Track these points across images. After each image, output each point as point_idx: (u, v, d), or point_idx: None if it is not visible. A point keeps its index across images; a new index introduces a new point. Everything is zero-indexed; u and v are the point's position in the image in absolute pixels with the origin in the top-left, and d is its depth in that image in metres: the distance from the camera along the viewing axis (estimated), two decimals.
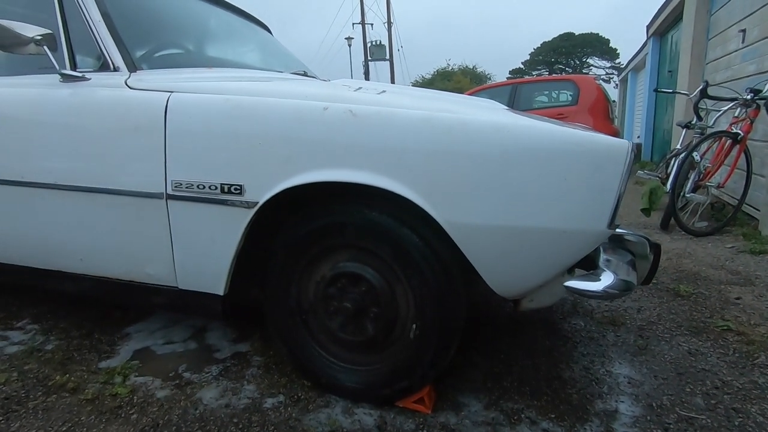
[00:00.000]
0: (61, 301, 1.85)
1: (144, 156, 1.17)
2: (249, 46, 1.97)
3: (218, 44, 1.84)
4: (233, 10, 2.02)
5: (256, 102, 1.09)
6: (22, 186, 1.33)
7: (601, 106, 5.44)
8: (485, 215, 0.94)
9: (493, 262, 0.98)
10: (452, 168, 0.94)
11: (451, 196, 0.95)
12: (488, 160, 0.93)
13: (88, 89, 1.28)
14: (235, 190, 1.09)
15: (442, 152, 0.95)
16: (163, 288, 1.28)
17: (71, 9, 1.36)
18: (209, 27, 1.84)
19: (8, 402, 1.21)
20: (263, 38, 2.10)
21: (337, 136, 1.01)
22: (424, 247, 1.04)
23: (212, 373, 1.37)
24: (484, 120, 0.97)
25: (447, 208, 0.96)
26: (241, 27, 2.00)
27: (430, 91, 1.77)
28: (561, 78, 7.68)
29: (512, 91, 6.01)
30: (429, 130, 0.96)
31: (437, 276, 1.06)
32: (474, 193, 0.94)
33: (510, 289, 1.04)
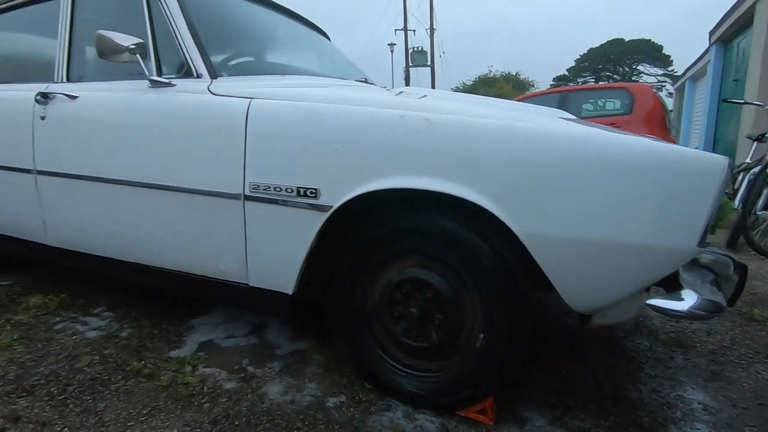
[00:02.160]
0: (131, 291, 1.97)
1: (224, 158, 1.24)
2: (314, 53, 2.04)
3: (286, 52, 1.92)
4: (298, 19, 2.10)
5: (334, 109, 1.13)
6: (110, 183, 1.44)
7: (658, 116, 5.19)
8: (565, 227, 0.93)
9: (570, 275, 0.96)
10: (531, 178, 0.94)
11: (529, 206, 0.95)
12: (570, 172, 0.91)
13: (173, 94, 1.36)
14: (311, 193, 1.13)
15: (521, 162, 0.94)
16: (234, 284, 1.34)
17: (159, 21, 1.46)
18: (278, 35, 1.92)
19: (93, 383, 1.30)
20: (325, 46, 2.16)
21: (414, 144, 1.03)
22: (494, 256, 1.04)
23: (274, 368, 1.41)
24: (565, 130, 0.95)
25: (524, 219, 0.95)
26: (305, 35, 2.07)
27: (494, 99, 1.75)
28: (614, 86, 7.40)
29: (561, 99, 5.85)
30: (508, 140, 0.96)
31: (507, 286, 1.05)
32: (554, 204, 0.93)
33: (585, 304, 1.02)
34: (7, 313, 1.73)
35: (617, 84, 7.20)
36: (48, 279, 2.12)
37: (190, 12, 1.45)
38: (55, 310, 1.78)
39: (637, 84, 7.68)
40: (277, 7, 1.97)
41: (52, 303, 1.81)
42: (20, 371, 1.35)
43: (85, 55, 1.77)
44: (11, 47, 1.99)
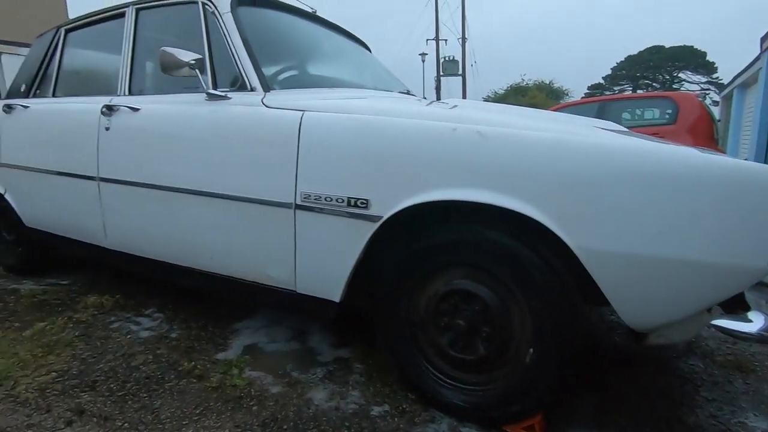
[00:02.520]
0: (179, 293, 2.06)
1: (276, 168, 1.28)
2: (358, 66, 2.09)
3: (332, 65, 1.98)
4: (342, 32, 2.15)
5: (385, 121, 1.15)
6: (168, 190, 1.51)
7: (704, 126, 4.98)
8: (623, 243, 0.91)
9: (628, 291, 0.94)
10: (588, 192, 0.93)
11: (585, 221, 0.93)
12: (629, 186, 0.90)
13: (228, 107, 1.43)
14: (361, 204, 1.15)
15: (577, 176, 0.93)
16: (281, 290, 1.37)
17: (216, 37, 1.54)
18: (324, 49, 1.98)
19: (149, 381, 1.36)
20: (368, 58, 2.21)
21: (465, 157, 1.04)
22: (546, 270, 1.03)
23: (318, 375, 1.44)
24: (623, 144, 0.94)
25: (580, 233, 0.94)
26: (349, 48, 2.12)
27: (530, 109, 1.74)
28: (657, 95, 7.15)
29: (599, 109, 5.71)
30: (562, 153, 0.95)
31: (559, 300, 1.03)
32: (612, 218, 0.91)
33: (642, 322, 0.99)
34: (68, 312, 1.84)
35: (661, 93, 6.95)
36: (103, 280, 2.24)
37: (245, 29, 1.52)
38: (110, 310, 1.88)
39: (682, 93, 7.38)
40: (322, 22, 2.04)
41: (108, 303, 1.92)
42: (82, 367, 1.43)
43: (145, 70, 1.88)
44: (81, 63, 2.14)
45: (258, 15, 1.67)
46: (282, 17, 1.83)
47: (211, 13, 1.55)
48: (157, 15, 1.79)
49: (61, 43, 2.08)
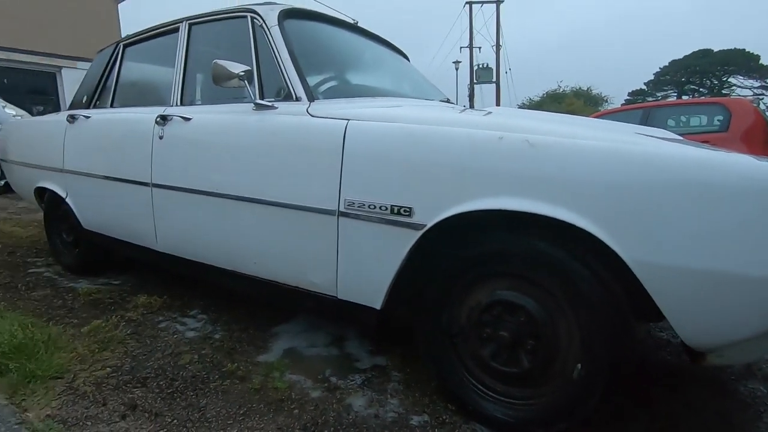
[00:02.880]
0: (221, 296, 2.12)
1: (321, 176, 1.31)
2: (398, 75, 2.11)
3: (374, 74, 2.01)
4: (382, 42, 2.19)
5: (429, 130, 1.16)
6: (216, 196, 1.57)
7: (760, 133, 4.69)
8: (683, 256, 0.87)
9: (687, 308, 0.89)
10: (644, 203, 0.89)
11: (641, 233, 0.90)
12: (690, 197, 0.86)
13: (275, 116, 1.48)
14: (404, 212, 1.16)
15: (633, 186, 0.90)
16: (323, 296, 1.39)
17: (263, 50, 1.60)
18: (366, 59, 2.01)
19: (195, 380, 1.41)
20: (408, 68, 2.23)
21: (513, 166, 1.02)
22: (596, 283, 0.99)
23: (356, 381, 1.44)
24: (681, 153, 0.90)
25: (635, 246, 0.90)
26: (390, 57, 2.15)
27: (567, 116, 1.69)
28: (707, 101, 6.80)
29: (643, 116, 5.49)
30: (618, 163, 0.92)
31: (610, 314, 0.99)
32: (670, 231, 0.87)
33: (702, 341, 0.94)
34: (120, 310, 1.94)
35: (711, 99, 6.64)
36: (151, 281, 2.34)
37: (291, 41, 1.57)
38: (158, 310, 1.96)
39: (735, 99, 7.00)
40: (363, 32, 2.08)
41: (156, 303, 2.00)
42: (134, 363, 1.50)
43: (196, 81, 1.97)
44: (137, 75, 2.28)
45: (303, 27, 1.73)
46: (325, 29, 1.88)
47: (260, 26, 1.61)
48: (208, 29, 1.88)
49: (120, 57, 2.22)
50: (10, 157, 2.82)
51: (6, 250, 2.82)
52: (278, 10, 1.64)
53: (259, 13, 1.62)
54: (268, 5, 1.68)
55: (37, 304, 2.00)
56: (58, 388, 1.31)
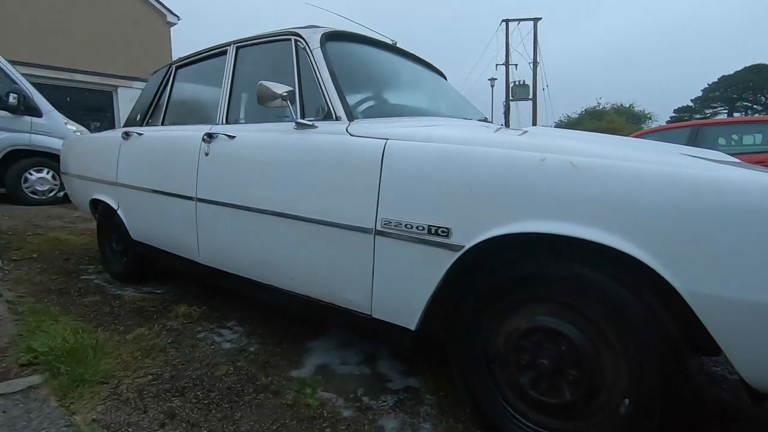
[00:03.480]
0: (257, 308, 2.17)
1: (359, 194, 1.32)
2: (436, 94, 2.13)
3: (412, 94, 2.03)
4: (420, 62, 2.21)
5: (470, 150, 1.15)
6: (257, 212, 1.62)
7: None
8: (745, 289, 0.81)
9: (750, 346, 0.83)
10: (702, 231, 0.84)
11: (697, 263, 0.84)
12: (755, 225, 0.80)
13: (315, 135, 1.51)
14: (442, 232, 1.15)
15: (689, 213, 0.85)
16: (357, 313, 1.39)
17: (305, 71, 1.65)
18: (404, 78, 2.04)
19: (230, 392, 1.44)
20: (445, 87, 2.24)
21: (556, 188, 1.00)
22: (646, 313, 0.94)
23: (388, 402, 1.42)
24: (745, 177, 0.85)
25: (691, 277, 0.85)
26: (427, 77, 2.17)
27: (608, 135, 1.63)
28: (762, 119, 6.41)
29: (691, 134, 5.24)
30: (672, 188, 0.88)
31: (661, 347, 0.94)
32: (732, 261, 0.82)
33: (766, 381, 0.86)
34: (162, 319, 2.01)
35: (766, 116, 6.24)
36: (192, 291, 2.43)
37: (332, 62, 1.61)
38: (197, 320, 2.02)
39: None
40: (401, 52, 2.11)
41: (196, 313, 2.07)
42: (174, 372, 1.54)
43: (240, 101, 2.06)
44: (187, 95, 2.41)
45: (344, 49, 1.78)
46: (365, 50, 1.93)
47: (303, 48, 1.67)
48: (254, 51, 1.97)
49: (172, 78, 2.36)
50: (69, 170, 3.03)
51: (62, 257, 3.01)
52: (321, 32, 1.69)
53: (303, 36, 1.69)
54: (311, 28, 1.74)
55: (86, 309, 2.11)
56: (103, 393, 1.37)
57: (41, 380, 1.39)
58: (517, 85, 21.70)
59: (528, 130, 1.46)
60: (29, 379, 1.39)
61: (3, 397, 1.28)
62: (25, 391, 1.33)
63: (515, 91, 21.30)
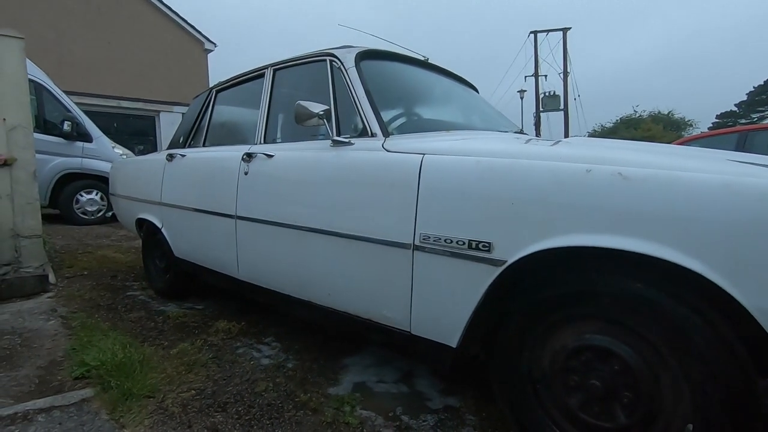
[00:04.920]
0: (294, 325, 2.18)
1: (396, 209, 1.32)
2: (470, 108, 2.12)
3: (446, 108, 2.03)
4: (452, 76, 2.22)
5: (509, 164, 1.13)
6: (295, 229, 1.64)
7: None
8: None
9: None
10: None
11: (766, 276, 0.79)
12: None
13: (352, 152, 1.53)
14: (483, 247, 1.12)
15: (755, 225, 0.80)
16: (395, 330, 1.38)
17: (340, 89, 1.69)
18: (437, 94, 2.05)
19: (270, 409, 1.44)
20: (478, 100, 2.23)
21: (605, 200, 0.96)
22: (711, 334, 0.88)
23: (428, 422, 1.39)
24: None
25: (759, 291, 0.79)
26: (460, 91, 2.17)
27: (641, 143, 1.55)
28: None
29: (739, 140, 4.96)
30: (732, 198, 0.83)
31: (727, 369, 0.87)
32: None
33: None
34: (203, 334, 2.06)
35: None
36: (230, 307, 2.48)
37: (367, 81, 1.64)
38: (236, 336, 2.06)
39: None
40: (434, 68, 2.13)
41: (235, 329, 2.11)
42: (215, 388, 1.57)
43: (277, 121, 2.13)
44: (227, 117, 2.51)
45: (378, 67, 1.81)
46: (398, 67, 1.96)
47: (338, 68, 1.71)
48: (290, 73, 2.03)
49: (212, 101, 2.47)
50: (117, 191, 3.19)
51: (109, 274, 3.16)
52: (355, 52, 1.73)
53: (338, 56, 1.73)
54: (346, 48, 1.78)
55: (133, 324, 2.20)
56: (150, 407, 1.40)
57: (93, 393, 1.45)
58: (547, 96, 21.36)
59: (566, 141, 1.43)
60: (82, 392, 1.45)
61: (59, 410, 1.34)
62: (78, 403, 1.38)
63: (545, 102, 20.95)
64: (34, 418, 1.29)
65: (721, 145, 4.89)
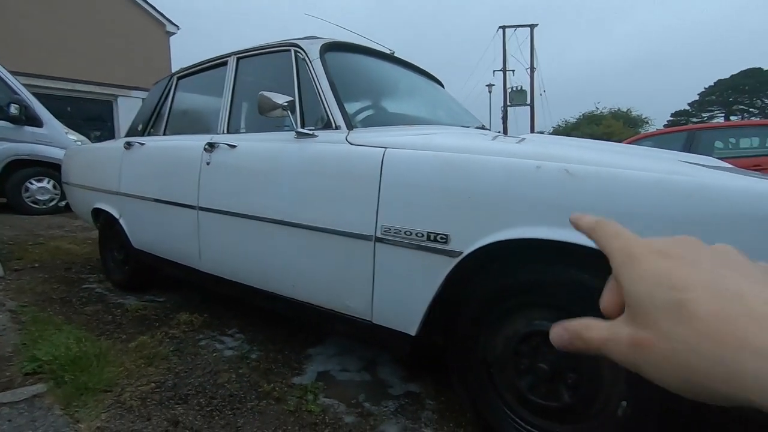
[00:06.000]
0: (257, 316, 2.18)
1: (359, 202, 1.34)
2: (434, 102, 2.16)
3: (410, 102, 2.06)
4: (416, 70, 2.25)
5: (466, 159, 1.17)
6: (257, 220, 1.64)
7: None
8: None
9: None
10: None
11: None
12: (751, 232, 0.82)
13: (315, 144, 1.54)
14: (440, 239, 1.17)
15: (682, 221, 0.88)
16: (357, 320, 1.41)
17: (305, 81, 1.68)
18: (401, 87, 2.07)
19: (233, 399, 1.45)
20: (442, 95, 2.27)
21: (551, 195, 1.02)
22: None
23: (389, 408, 1.43)
24: (740, 185, 0.87)
25: None
26: (424, 85, 2.20)
27: (605, 143, 1.66)
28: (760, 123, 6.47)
29: (688, 138, 5.27)
30: (664, 195, 0.90)
31: None
32: None
33: None
34: (164, 327, 2.02)
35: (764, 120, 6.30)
36: (192, 299, 2.44)
37: (331, 73, 1.64)
38: (199, 328, 2.03)
39: None
40: (399, 62, 2.15)
41: (197, 321, 2.08)
42: (176, 380, 1.55)
43: (241, 111, 2.09)
44: (188, 105, 2.44)
45: (342, 59, 1.81)
46: (364, 60, 1.96)
47: (302, 59, 1.71)
48: (254, 62, 2.00)
49: (173, 88, 2.39)
50: (71, 180, 3.05)
51: (63, 266, 3.03)
52: (320, 43, 1.73)
53: (302, 46, 1.72)
54: (310, 39, 1.77)
55: (89, 318, 2.13)
56: (107, 401, 1.38)
57: (45, 389, 1.41)
58: (514, 90, 21.84)
59: (525, 137, 1.49)
60: (34, 388, 1.40)
61: (8, 406, 1.29)
62: (29, 399, 1.34)
63: (513, 97, 21.44)
64: None
65: (672, 142, 5.19)
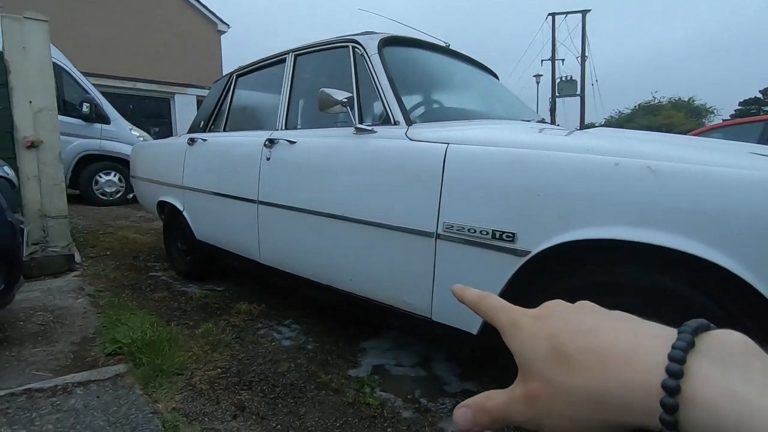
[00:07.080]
0: (312, 308, 2.24)
1: (420, 198, 1.34)
2: (491, 96, 2.10)
3: (468, 96, 2.02)
4: (474, 63, 2.19)
5: (536, 155, 1.13)
6: (317, 215, 1.67)
7: None
8: None
9: None
10: None
11: None
12: None
13: (374, 140, 1.54)
14: (507, 237, 1.14)
15: None
16: (416, 316, 1.41)
17: (363, 77, 1.69)
18: (458, 81, 2.03)
19: (293, 388, 1.50)
20: (500, 88, 2.21)
21: (632, 194, 0.96)
22: (733, 326, 0.89)
23: (447, 405, 1.43)
24: None
25: None
26: (482, 79, 2.15)
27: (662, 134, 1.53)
28: None
29: (764, 130, 4.82)
30: (764, 194, 0.83)
31: None
32: None
33: None
34: (225, 315, 2.13)
35: None
36: (249, 290, 2.54)
37: (389, 68, 1.64)
38: (257, 317, 2.12)
39: None
40: (455, 54, 2.11)
41: (255, 310, 2.17)
42: (240, 367, 1.63)
43: (299, 107, 2.14)
44: (248, 102, 2.53)
45: (400, 54, 1.80)
46: (421, 54, 1.94)
47: (360, 55, 1.71)
48: (312, 59, 2.04)
49: (233, 86, 2.48)
50: (138, 174, 3.25)
51: (131, 255, 3.25)
52: (378, 39, 1.72)
53: (360, 42, 1.72)
54: (368, 35, 1.77)
55: (157, 304, 2.27)
56: (179, 384, 1.47)
57: (126, 369, 1.52)
58: (564, 80, 20.90)
59: (590, 132, 1.42)
60: (116, 368, 1.52)
61: (96, 384, 1.41)
62: (113, 378, 1.45)
63: (562, 87, 20.51)
64: (74, 390, 1.36)
65: (747, 134, 4.76)
